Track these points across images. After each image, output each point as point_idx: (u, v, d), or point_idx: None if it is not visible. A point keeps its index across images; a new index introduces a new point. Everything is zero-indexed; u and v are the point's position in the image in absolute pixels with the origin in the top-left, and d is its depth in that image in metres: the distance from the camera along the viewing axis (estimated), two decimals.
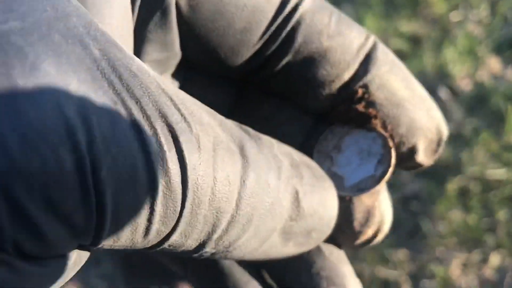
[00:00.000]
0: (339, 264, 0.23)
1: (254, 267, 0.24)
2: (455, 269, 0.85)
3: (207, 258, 0.19)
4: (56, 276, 0.15)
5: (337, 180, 0.23)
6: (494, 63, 1.00)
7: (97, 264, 0.89)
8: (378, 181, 0.23)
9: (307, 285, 0.23)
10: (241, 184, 0.17)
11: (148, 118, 0.15)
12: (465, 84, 0.99)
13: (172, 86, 0.17)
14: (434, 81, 0.99)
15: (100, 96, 0.14)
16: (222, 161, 0.17)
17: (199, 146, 0.16)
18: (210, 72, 0.24)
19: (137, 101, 0.15)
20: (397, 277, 0.85)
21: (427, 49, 1.01)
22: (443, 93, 0.98)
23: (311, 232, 0.21)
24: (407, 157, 0.24)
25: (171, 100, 0.16)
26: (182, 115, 0.16)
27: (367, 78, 0.22)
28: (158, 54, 0.21)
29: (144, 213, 0.15)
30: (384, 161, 0.23)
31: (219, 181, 0.16)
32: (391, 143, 0.23)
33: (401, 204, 0.90)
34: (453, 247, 0.86)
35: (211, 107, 0.19)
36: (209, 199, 0.16)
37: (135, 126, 0.15)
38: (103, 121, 0.14)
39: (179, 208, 0.16)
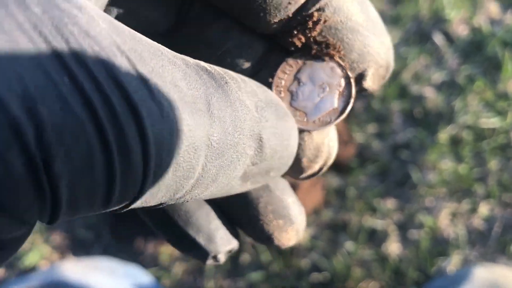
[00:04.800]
0: (284, 196, 0.24)
1: (215, 204, 0.25)
2: (443, 219, 0.84)
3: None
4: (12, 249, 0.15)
5: (299, 115, 0.23)
6: (493, 7, 0.96)
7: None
8: (341, 114, 0.24)
9: (255, 220, 0.24)
10: (208, 147, 0.16)
11: (102, 91, 0.13)
12: (461, 30, 0.96)
13: (127, 32, 0.15)
14: (429, 26, 0.96)
15: (46, 73, 0.13)
16: (187, 127, 0.15)
17: (161, 115, 0.15)
18: None
19: (89, 72, 0.13)
20: (385, 227, 0.84)
21: None
22: (438, 38, 0.94)
23: (270, 171, 0.21)
24: (355, 82, 0.24)
25: (128, 59, 0.14)
26: (141, 77, 0.14)
27: (324, 1, 0.21)
28: None
29: (102, 193, 0.14)
30: (345, 93, 0.23)
31: (184, 151, 0.16)
32: (351, 74, 0.23)
33: (391, 152, 0.88)
34: (442, 196, 0.85)
35: (150, 26, 0.18)
36: (173, 169, 0.16)
37: (88, 105, 0.13)
38: (52, 107, 0.12)
39: (139, 185, 0.15)
